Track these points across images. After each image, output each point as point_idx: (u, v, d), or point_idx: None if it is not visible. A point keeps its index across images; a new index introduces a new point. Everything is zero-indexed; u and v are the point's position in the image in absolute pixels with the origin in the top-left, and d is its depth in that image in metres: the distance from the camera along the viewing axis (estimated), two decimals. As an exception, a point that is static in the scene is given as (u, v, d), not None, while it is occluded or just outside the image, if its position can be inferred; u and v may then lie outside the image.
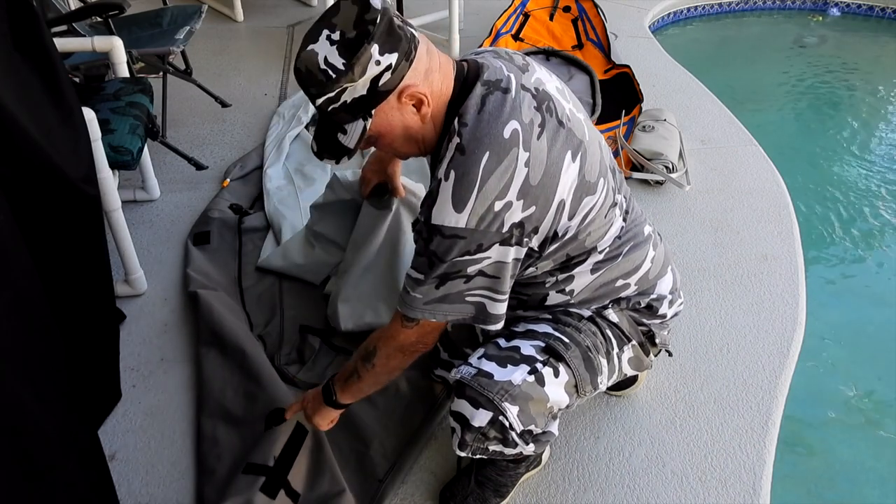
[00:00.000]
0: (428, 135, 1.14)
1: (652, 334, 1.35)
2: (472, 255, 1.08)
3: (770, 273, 2.07)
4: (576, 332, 1.25)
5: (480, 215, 1.05)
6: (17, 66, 1.34)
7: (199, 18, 2.85)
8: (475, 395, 1.17)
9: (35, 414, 1.06)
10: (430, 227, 1.08)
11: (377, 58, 1.00)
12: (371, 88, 1.03)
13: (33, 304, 1.10)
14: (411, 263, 1.15)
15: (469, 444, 1.21)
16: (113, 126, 1.91)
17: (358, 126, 1.07)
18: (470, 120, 1.07)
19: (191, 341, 1.82)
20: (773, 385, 1.68)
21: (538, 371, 1.19)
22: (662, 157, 2.48)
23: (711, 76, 3.41)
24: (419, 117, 1.10)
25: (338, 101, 1.04)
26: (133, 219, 2.27)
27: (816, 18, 4.82)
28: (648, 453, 1.53)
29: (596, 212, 1.16)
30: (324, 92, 1.03)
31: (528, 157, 1.06)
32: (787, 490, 1.64)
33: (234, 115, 2.97)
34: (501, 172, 1.05)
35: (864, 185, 3.01)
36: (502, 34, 3.53)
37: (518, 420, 1.17)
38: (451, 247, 1.07)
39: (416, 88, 1.06)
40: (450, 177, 1.06)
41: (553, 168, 1.09)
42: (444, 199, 1.06)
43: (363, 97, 1.04)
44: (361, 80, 1.01)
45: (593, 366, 1.25)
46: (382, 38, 1.00)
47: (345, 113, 1.06)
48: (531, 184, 1.07)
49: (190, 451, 1.54)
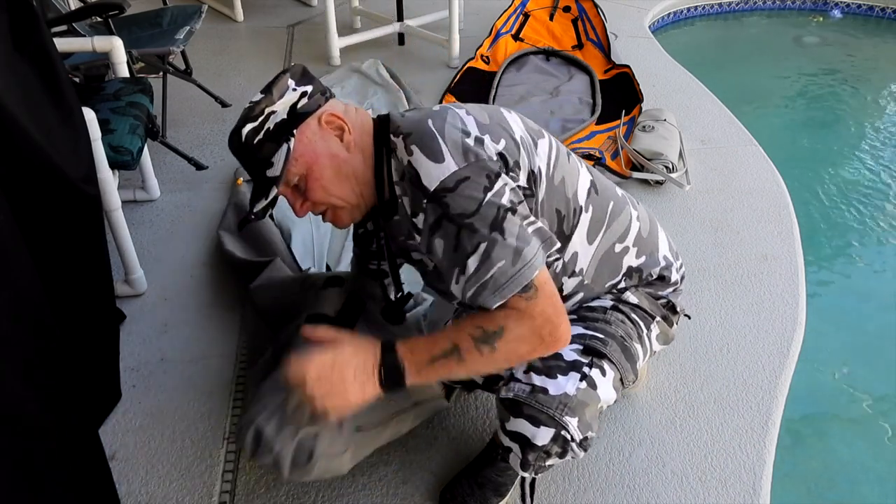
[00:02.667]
0: (359, 168, 1.15)
1: (671, 304, 1.37)
2: (491, 188, 1.04)
3: (770, 273, 2.07)
4: (606, 325, 1.25)
5: (462, 152, 1.06)
6: (17, 66, 1.34)
7: (199, 18, 2.85)
8: (535, 413, 1.14)
9: (35, 414, 1.06)
10: (436, 195, 1.04)
11: (293, 86, 1.12)
12: (290, 112, 1.12)
13: (33, 304, 1.10)
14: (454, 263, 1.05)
15: (532, 464, 1.19)
16: (113, 126, 1.91)
17: (282, 152, 1.11)
18: (401, 122, 1.14)
19: (191, 341, 1.82)
20: (773, 385, 1.68)
21: (588, 375, 1.17)
22: (662, 157, 2.48)
23: (711, 76, 3.41)
24: (343, 146, 1.15)
25: (262, 129, 1.11)
26: (133, 219, 2.27)
27: (817, 19, 4.82)
28: (648, 453, 1.53)
29: (555, 154, 1.19)
30: (247, 120, 1.11)
31: (465, 109, 1.14)
32: (787, 490, 1.63)
33: (234, 115, 2.95)
34: (451, 123, 1.10)
35: (865, 184, 3.01)
36: (502, 34, 3.53)
37: (578, 431, 1.15)
38: (469, 193, 1.03)
39: (336, 112, 1.15)
40: (412, 151, 1.08)
41: (496, 115, 1.16)
42: (422, 165, 1.07)
43: (284, 121, 1.11)
44: (280, 103, 1.11)
45: (631, 354, 1.25)
46: (297, 75, 1.14)
47: (269, 142, 1.11)
48: (483, 122, 1.12)
49: (190, 451, 1.54)
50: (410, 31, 3.59)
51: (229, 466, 1.49)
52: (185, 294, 1.98)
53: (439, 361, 1.07)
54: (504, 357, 1.07)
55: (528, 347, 1.07)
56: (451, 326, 1.16)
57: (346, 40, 3.45)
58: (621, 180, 2.46)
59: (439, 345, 1.08)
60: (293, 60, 3.53)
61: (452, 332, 1.08)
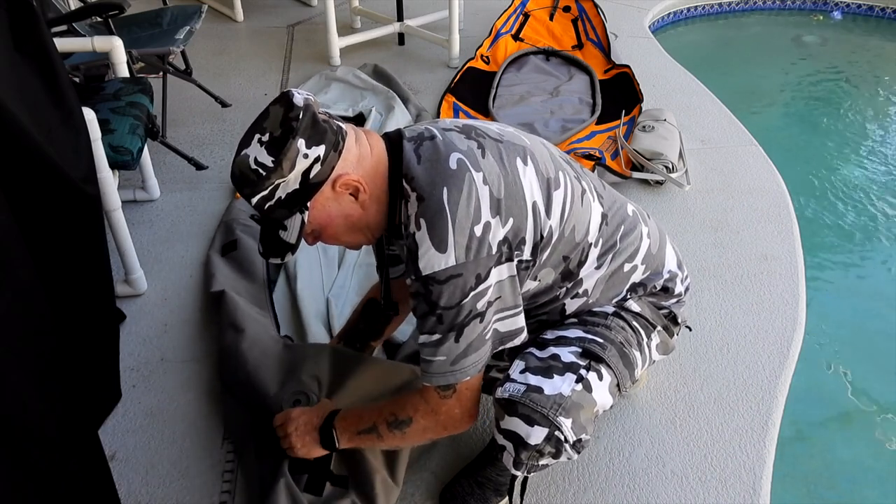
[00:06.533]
0: (373, 220, 1.16)
1: (673, 315, 1.36)
2: (476, 289, 1.08)
3: (770, 273, 2.07)
4: (606, 329, 1.25)
5: (465, 246, 1.06)
6: (17, 66, 1.34)
7: (199, 18, 2.85)
8: (528, 412, 1.14)
9: (35, 414, 1.06)
10: (424, 280, 1.07)
11: (304, 151, 1.05)
12: (303, 182, 1.07)
13: (33, 304, 1.10)
14: (419, 329, 1.13)
15: (524, 463, 1.19)
16: (113, 126, 1.91)
17: (296, 220, 1.10)
18: (416, 172, 1.10)
19: (191, 341, 1.82)
20: (773, 385, 1.68)
21: (584, 378, 1.17)
22: (662, 157, 2.48)
23: (711, 76, 3.41)
24: (358, 205, 1.13)
25: (272, 198, 1.07)
26: (133, 219, 2.27)
27: (817, 18, 4.82)
28: (648, 453, 1.53)
29: (570, 202, 1.17)
30: (257, 191, 1.07)
31: (483, 175, 1.09)
32: (787, 490, 1.64)
33: (234, 115, 2.97)
34: (466, 198, 1.07)
35: (865, 184, 3.01)
36: (502, 34, 3.53)
37: (572, 432, 1.15)
38: (453, 290, 1.07)
39: (350, 177, 1.10)
40: (421, 225, 1.07)
41: (511, 177, 1.11)
42: (425, 247, 1.06)
43: (297, 191, 1.07)
44: (292, 174, 1.05)
45: (629, 360, 1.25)
46: (307, 132, 1.05)
47: (282, 209, 1.09)
48: (498, 197, 1.09)
49: (190, 451, 1.54)
50: (410, 31, 3.59)
51: (229, 466, 1.49)
52: (185, 294, 1.98)
53: (364, 434, 1.27)
54: (412, 439, 1.25)
55: (433, 434, 1.23)
56: (376, 406, 1.30)
57: (346, 40, 3.45)
58: (621, 180, 2.46)
59: (364, 422, 1.27)
60: (293, 60, 3.53)
61: (375, 413, 1.26)
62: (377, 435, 1.25)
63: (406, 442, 1.27)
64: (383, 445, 1.32)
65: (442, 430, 1.22)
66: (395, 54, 3.61)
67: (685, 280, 1.40)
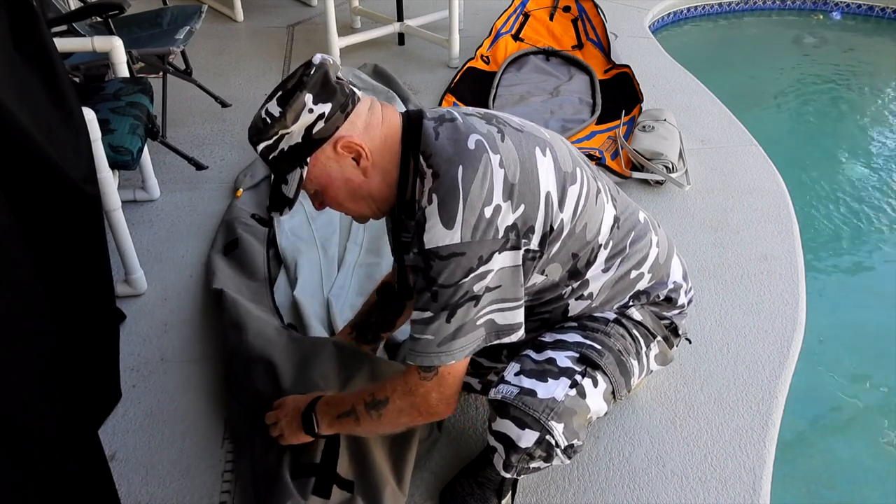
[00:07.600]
0: (375, 190, 1.15)
1: (674, 326, 1.36)
2: (476, 270, 1.07)
3: (770, 273, 2.07)
4: (605, 336, 1.24)
5: (473, 225, 1.05)
6: (17, 66, 1.34)
7: (199, 18, 2.85)
8: (520, 414, 1.14)
9: (35, 414, 1.06)
10: (426, 254, 1.07)
11: (310, 106, 1.06)
12: (306, 136, 1.08)
13: (33, 305, 1.10)
14: (414, 305, 1.12)
15: (514, 465, 1.19)
16: (113, 126, 1.91)
17: (296, 175, 1.11)
18: (433, 149, 1.10)
19: (191, 341, 1.82)
20: (773, 385, 1.68)
21: (578, 383, 1.17)
22: (662, 157, 2.48)
23: (711, 76, 3.41)
24: (360, 171, 1.13)
25: (276, 148, 1.09)
26: (133, 219, 2.27)
27: (817, 17, 4.82)
28: (648, 453, 1.53)
29: (584, 199, 1.17)
30: (262, 139, 1.09)
31: (500, 158, 1.09)
32: (787, 490, 1.64)
33: (234, 115, 2.97)
34: (480, 179, 1.06)
35: (865, 184, 3.01)
36: (502, 34, 3.53)
37: (563, 437, 1.14)
38: (454, 268, 1.06)
39: (352, 139, 1.10)
40: (432, 200, 1.07)
41: (528, 163, 1.11)
42: (433, 221, 1.06)
43: (299, 145, 1.09)
44: (295, 126, 1.07)
45: (626, 369, 1.24)
46: (316, 88, 1.07)
47: (284, 162, 1.10)
48: (512, 182, 1.08)
49: (190, 451, 1.54)
50: (410, 31, 3.59)
51: (229, 466, 1.49)
52: (185, 294, 1.98)
53: (343, 419, 1.27)
54: (388, 423, 1.22)
55: (408, 419, 1.21)
56: (359, 390, 1.31)
57: (346, 40, 3.44)
58: (621, 180, 2.46)
59: (344, 405, 1.27)
60: (293, 60, 3.53)
61: (355, 396, 1.26)
62: (355, 417, 1.24)
63: (382, 426, 1.23)
64: (360, 430, 1.28)
65: (416, 415, 1.19)
66: (395, 54, 3.61)
67: (689, 292, 1.39)
